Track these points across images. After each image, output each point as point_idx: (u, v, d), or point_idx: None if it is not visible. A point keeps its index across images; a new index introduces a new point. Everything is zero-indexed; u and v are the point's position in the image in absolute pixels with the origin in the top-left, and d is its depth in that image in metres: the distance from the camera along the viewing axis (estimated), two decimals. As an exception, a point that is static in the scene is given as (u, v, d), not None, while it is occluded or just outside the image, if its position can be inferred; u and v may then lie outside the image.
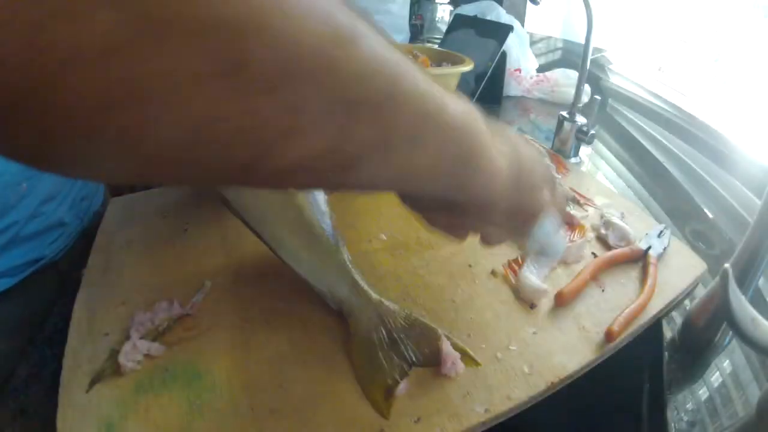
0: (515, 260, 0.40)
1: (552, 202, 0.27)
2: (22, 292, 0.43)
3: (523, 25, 1.21)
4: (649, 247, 0.42)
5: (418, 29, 2.07)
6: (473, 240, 0.43)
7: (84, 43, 0.10)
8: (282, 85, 0.13)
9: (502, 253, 0.42)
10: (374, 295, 0.32)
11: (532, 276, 0.38)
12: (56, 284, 0.45)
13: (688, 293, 0.41)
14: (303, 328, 0.33)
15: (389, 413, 0.27)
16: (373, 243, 0.42)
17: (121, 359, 0.28)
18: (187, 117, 0.12)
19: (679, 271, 0.41)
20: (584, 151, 0.71)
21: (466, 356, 0.30)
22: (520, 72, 1.03)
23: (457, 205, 0.24)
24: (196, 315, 0.33)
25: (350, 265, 0.34)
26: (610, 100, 1.01)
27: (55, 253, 0.43)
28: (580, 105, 0.64)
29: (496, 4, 1.15)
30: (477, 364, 0.30)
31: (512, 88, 1.03)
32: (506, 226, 0.27)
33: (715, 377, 0.34)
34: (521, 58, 1.03)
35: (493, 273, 0.39)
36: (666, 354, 0.36)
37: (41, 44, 0.10)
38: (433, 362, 0.29)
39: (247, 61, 0.12)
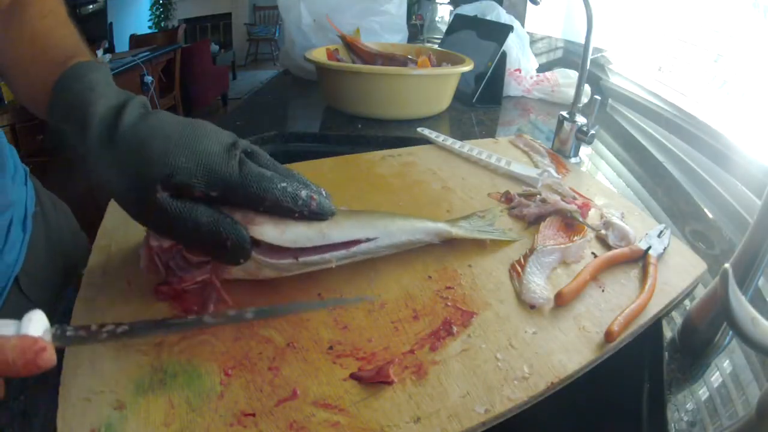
0: (518, 261, 0.40)
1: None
2: (22, 292, 0.43)
3: (523, 25, 1.21)
4: (649, 247, 0.42)
5: (418, 29, 2.08)
6: (473, 240, 0.43)
7: None
8: None
9: (503, 254, 0.42)
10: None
11: (536, 280, 0.38)
12: (56, 284, 0.46)
13: (688, 293, 0.41)
14: (303, 328, 0.33)
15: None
16: (373, 243, 0.42)
17: None
18: None
19: (679, 271, 0.41)
20: (584, 151, 0.71)
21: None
22: (520, 72, 1.03)
23: None
24: (196, 315, 0.33)
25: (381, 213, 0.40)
26: (610, 100, 1.01)
27: None
28: (580, 105, 0.64)
29: (496, 4, 1.15)
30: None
31: (512, 88, 1.03)
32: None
33: (715, 377, 0.34)
34: (521, 58, 1.03)
35: (493, 273, 0.39)
36: (666, 354, 0.36)
37: None
38: None
39: None
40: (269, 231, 0.32)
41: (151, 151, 0.30)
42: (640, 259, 0.41)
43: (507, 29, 0.94)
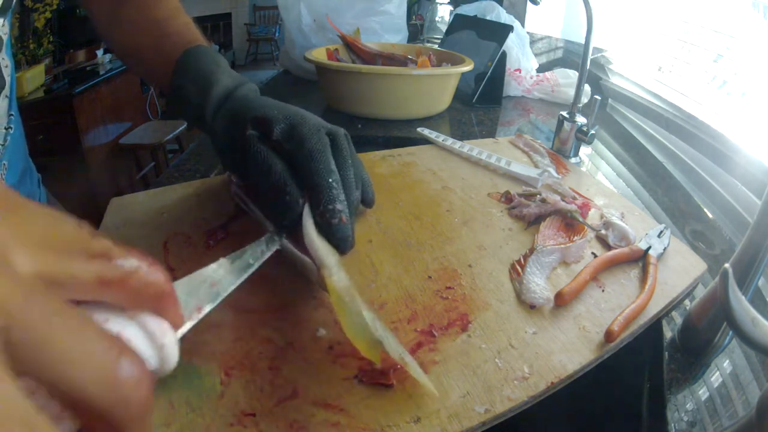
0: (518, 261, 0.40)
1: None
2: None
3: (523, 25, 1.21)
4: (649, 247, 0.42)
5: (418, 29, 2.08)
6: (473, 240, 0.43)
7: None
8: None
9: (503, 254, 0.42)
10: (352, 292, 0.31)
11: (536, 280, 0.38)
12: None
13: (688, 293, 0.41)
14: (304, 327, 0.33)
15: (379, 359, 0.27)
16: (374, 243, 0.42)
17: None
18: None
19: (679, 271, 0.41)
20: (584, 151, 0.71)
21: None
22: (520, 72, 1.03)
23: None
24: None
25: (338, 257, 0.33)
26: (610, 100, 1.02)
27: None
28: (580, 105, 0.64)
29: (496, 4, 1.15)
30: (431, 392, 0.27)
31: (512, 88, 1.03)
32: None
33: (715, 377, 0.34)
34: (521, 58, 1.03)
35: (493, 273, 0.39)
36: (666, 354, 0.36)
37: None
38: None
39: None
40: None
41: (251, 104, 0.37)
42: (640, 259, 0.41)
43: (507, 29, 0.94)
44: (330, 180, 0.34)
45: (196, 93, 0.40)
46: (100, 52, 2.83)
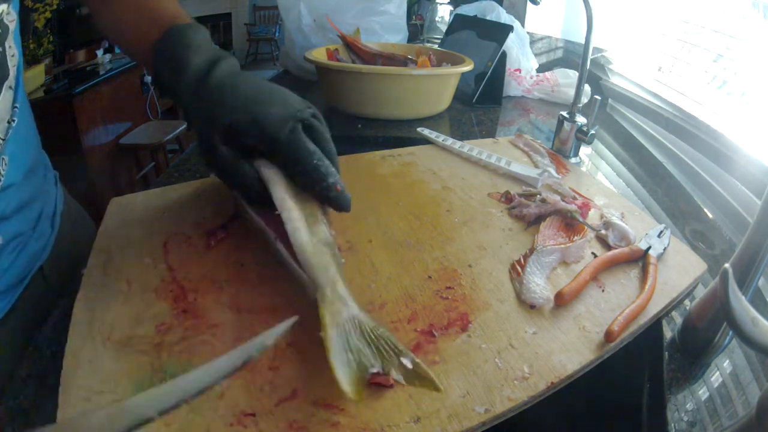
0: (518, 261, 0.40)
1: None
2: (46, 281, 0.45)
3: (523, 25, 1.21)
4: (649, 247, 0.42)
5: (418, 29, 2.08)
6: (473, 240, 0.43)
7: None
8: None
9: (503, 254, 0.42)
10: (349, 302, 0.31)
11: (536, 280, 0.38)
12: (56, 285, 0.46)
13: (688, 293, 0.41)
14: (304, 328, 0.33)
15: (359, 397, 0.27)
16: (374, 243, 0.42)
17: None
18: None
19: (679, 271, 0.41)
20: (584, 151, 0.71)
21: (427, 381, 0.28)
22: (520, 72, 1.03)
23: None
24: (196, 315, 0.33)
25: (335, 262, 0.33)
26: (610, 100, 1.02)
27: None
28: (580, 105, 0.64)
29: (496, 4, 1.15)
30: (437, 389, 0.28)
31: (512, 88, 1.03)
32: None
33: (715, 377, 0.34)
34: (521, 58, 1.03)
35: (492, 272, 0.39)
36: (666, 354, 0.36)
37: None
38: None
39: None
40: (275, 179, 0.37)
41: (222, 107, 0.36)
42: (640, 259, 0.41)
43: (507, 29, 0.94)
44: (314, 162, 0.36)
45: (172, 79, 0.40)
46: (100, 52, 2.82)
